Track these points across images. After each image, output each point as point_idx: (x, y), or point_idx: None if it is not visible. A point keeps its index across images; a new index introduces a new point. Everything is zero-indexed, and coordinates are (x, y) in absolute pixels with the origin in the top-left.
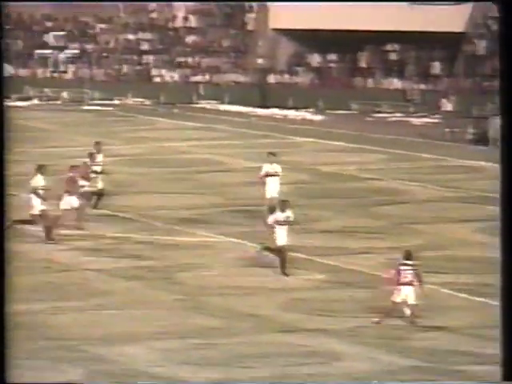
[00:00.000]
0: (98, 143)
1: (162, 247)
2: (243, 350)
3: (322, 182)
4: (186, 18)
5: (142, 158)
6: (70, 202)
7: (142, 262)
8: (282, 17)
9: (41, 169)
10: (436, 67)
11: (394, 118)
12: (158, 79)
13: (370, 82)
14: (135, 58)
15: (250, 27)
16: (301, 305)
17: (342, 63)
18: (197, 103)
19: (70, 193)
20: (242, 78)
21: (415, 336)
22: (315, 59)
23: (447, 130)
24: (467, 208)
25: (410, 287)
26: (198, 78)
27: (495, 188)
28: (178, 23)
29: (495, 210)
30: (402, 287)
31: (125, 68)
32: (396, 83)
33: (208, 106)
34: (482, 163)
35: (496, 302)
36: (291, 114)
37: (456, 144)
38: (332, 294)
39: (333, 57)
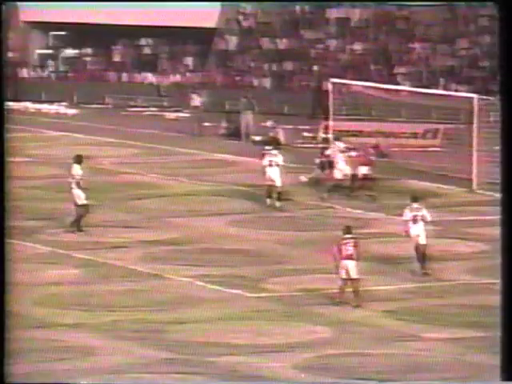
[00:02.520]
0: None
1: None
2: None
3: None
4: None
5: None
6: None
7: None
8: (34, 9)
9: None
10: (189, 62)
11: (148, 113)
12: None
13: (125, 76)
14: None
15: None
16: (56, 299)
17: (96, 57)
18: None
19: None
20: None
21: (170, 328)
22: (69, 53)
23: (198, 124)
24: (221, 201)
25: (352, 261)
26: None
27: (246, 181)
28: None
29: (248, 203)
30: (344, 262)
31: None
32: (150, 77)
33: None
34: (235, 157)
35: (250, 294)
36: (44, 107)
37: (209, 138)
38: (88, 289)
39: (87, 50)
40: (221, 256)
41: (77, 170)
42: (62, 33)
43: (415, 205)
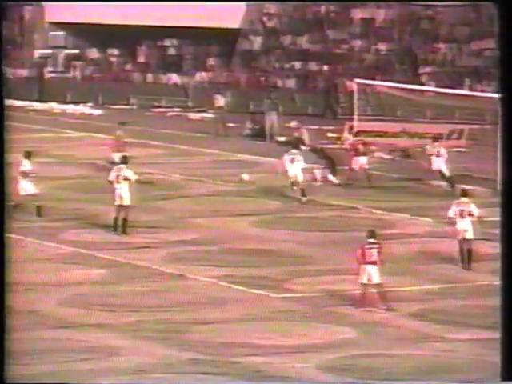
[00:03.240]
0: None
1: None
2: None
3: (100, 176)
4: None
5: None
6: None
7: None
8: (59, 10)
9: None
10: (213, 63)
11: (172, 113)
12: None
13: (149, 77)
14: None
15: (26, 19)
16: (81, 300)
17: (121, 58)
18: None
19: None
20: (18, 72)
21: (193, 329)
22: (94, 53)
23: (223, 124)
24: (244, 202)
25: (375, 266)
26: None
27: (271, 184)
28: None
29: (273, 203)
30: (366, 266)
31: None
32: (174, 78)
33: None
34: (260, 157)
35: (274, 294)
36: (70, 108)
37: (234, 139)
38: (112, 289)
39: (112, 51)
40: (244, 256)
41: (26, 164)
42: (87, 33)
43: (463, 199)
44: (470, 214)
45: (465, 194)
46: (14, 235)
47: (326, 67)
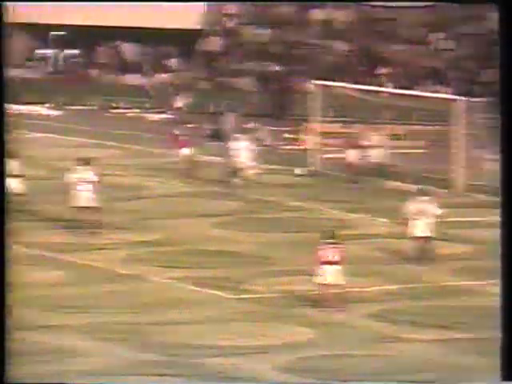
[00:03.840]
0: None
1: None
2: None
3: (57, 177)
4: None
5: None
6: None
7: None
8: (16, 11)
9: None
10: (173, 63)
11: (131, 114)
12: None
13: (109, 78)
14: None
15: None
16: (39, 301)
17: (80, 58)
18: None
19: None
20: None
21: (152, 330)
22: (50, 54)
23: (181, 125)
24: (204, 203)
25: (334, 267)
26: None
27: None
28: None
29: (233, 204)
30: (326, 267)
31: None
32: (133, 79)
33: None
34: (218, 158)
35: (234, 295)
36: (27, 108)
37: (193, 139)
38: (71, 291)
39: (70, 52)
40: (204, 258)
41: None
42: (45, 34)
43: (421, 198)
44: (428, 214)
45: (422, 193)
46: None
47: (284, 68)
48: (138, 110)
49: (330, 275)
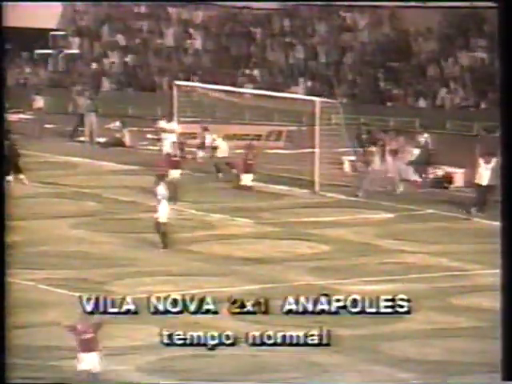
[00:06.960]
0: None
1: None
2: None
3: None
4: None
5: None
6: None
7: None
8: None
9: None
10: (31, 63)
11: None
12: None
13: None
14: None
15: None
16: None
17: None
18: None
19: None
20: None
21: (11, 333)
22: None
23: (40, 126)
24: (63, 204)
25: None
26: None
27: (91, 184)
28: None
29: (92, 205)
30: None
31: None
32: None
33: None
34: (78, 159)
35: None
36: None
37: (51, 140)
38: None
39: None
40: (63, 259)
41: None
42: None
43: (160, 184)
44: (165, 198)
45: (160, 177)
46: None
47: (145, 67)
48: None
49: None
